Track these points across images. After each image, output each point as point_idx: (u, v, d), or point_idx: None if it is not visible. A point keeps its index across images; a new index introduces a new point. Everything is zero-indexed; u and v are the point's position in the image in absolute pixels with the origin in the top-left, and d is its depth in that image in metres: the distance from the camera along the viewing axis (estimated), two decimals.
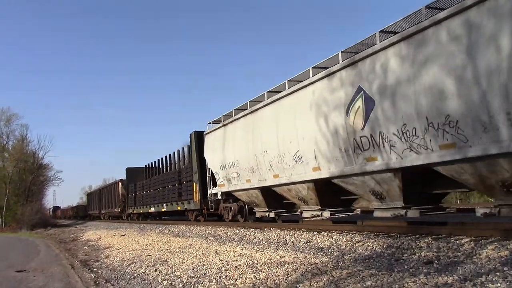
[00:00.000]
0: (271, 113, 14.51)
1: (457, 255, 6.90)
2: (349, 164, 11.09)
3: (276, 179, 14.41)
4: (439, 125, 8.44)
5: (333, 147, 11.44)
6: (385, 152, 9.94)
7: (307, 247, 9.95)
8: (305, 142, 12.55)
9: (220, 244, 12.47)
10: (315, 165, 12.33)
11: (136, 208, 36.11)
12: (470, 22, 7.75)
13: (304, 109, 12.56)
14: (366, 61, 10.33)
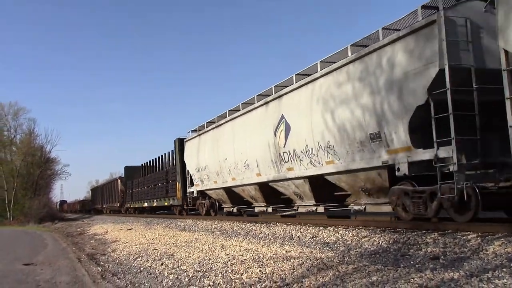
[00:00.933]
0: (230, 129, 18.40)
1: (464, 251, 6.88)
2: (278, 172, 14.87)
3: (234, 181, 18.22)
4: (325, 147, 12.23)
5: (268, 158, 15.31)
6: (297, 164, 13.76)
7: (313, 242, 9.96)
8: (250, 153, 16.47)
9: (226, 238, 12.50)
10: (257, 172, 16.22)
11: (133, 203, 39.76)
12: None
13: (251, 127, 16.53)
14: (283, 98, 14.53)
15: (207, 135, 20.91)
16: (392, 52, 9.89)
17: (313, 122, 12.67)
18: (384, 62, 10.06)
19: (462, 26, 8.74)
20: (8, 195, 51.82)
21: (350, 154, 11.33)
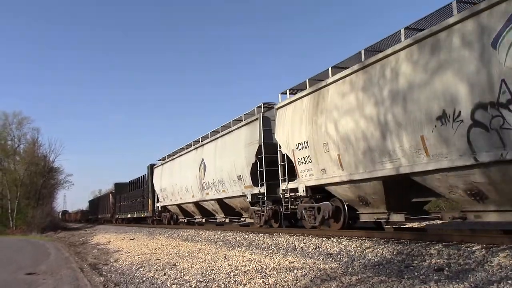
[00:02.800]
0: (178, 163, 26.28)
1: (468, 262, 6.83)
2: (202, 195, 22.20)
3: (181, 200, 25.94)
4: (220, 181, 19.56)
5: (196, 186, 22.75)
6: (211, 191, 20.88)
7: (316, 252, 9.91)
8: (188, 181, 23.88)
9: (229, 249, 12.46)
10: (192, 194, 23.59)
11: (120, 214, 47.61)
12: None
13: (189, 163, 24.05)
14: (204, 147, 21.93)
15: (166, 165, 29.07)
16: (244, 131, 17.55)
17: (216, 164, 20.01)
18: (242, 138, 17.61)
19: (272, 121, 15.72)
20: (11, 204, 51.77)
21: (231, 186, 18.60)
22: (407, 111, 9.33)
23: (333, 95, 11.85)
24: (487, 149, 7.77)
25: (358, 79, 10.97)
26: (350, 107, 11.07)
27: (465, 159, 8.21)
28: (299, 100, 13.64)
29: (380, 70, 10.28)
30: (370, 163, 10.62)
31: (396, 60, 9.78)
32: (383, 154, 10.16)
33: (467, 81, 7.98)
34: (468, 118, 8.03)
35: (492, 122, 7.60)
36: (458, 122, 8.21)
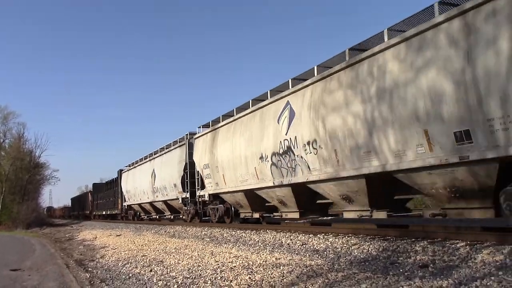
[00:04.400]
0: (139, 170, 32.83)
1: (453, 259, 6.91)
2: (154, 198, 28.90)
3: (141, 200, 32.48)
4: (162, 188, 26.91)
5: (149, 190, 29.31)
6: (160, 194, 27.45)
7: (302, 249, 9.95)
8: (144, 186, 30.52)
9: (216, 245, 12.46)
10: (147, 196, 30.37)
11: (97, 211, 53.78)
12: None
13: (144, 172, 30.77)
14: (155, 159, 28.46)
15: (130, 171, 35.70)
16: (177, 152, 24.32)
17: (161, 174, 26.92)
18: (176, 156, 24.24)
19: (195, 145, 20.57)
20: None
21: (171, 191, 25.11)
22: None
23: (222, 134, 18.23)
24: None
25: (233, 126, 17.35)
26: (229, 144, 17.39)
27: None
28: (205, 135, 20.18)
29: (252, 116, 16.00)
30: (239, 182, 16.76)
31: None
32: (248, 176, 16.10)
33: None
34: None
35: None
36: None
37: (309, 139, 12.28)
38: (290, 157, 13.30)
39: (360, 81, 10.39)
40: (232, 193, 17.52)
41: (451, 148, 8.34)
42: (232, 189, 17.18)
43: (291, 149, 13.19)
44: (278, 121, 13.92)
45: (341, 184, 11.55)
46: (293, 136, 13.04)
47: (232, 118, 17.41)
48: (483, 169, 8.04)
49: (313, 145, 12.13)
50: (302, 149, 12.62)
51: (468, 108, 7.85)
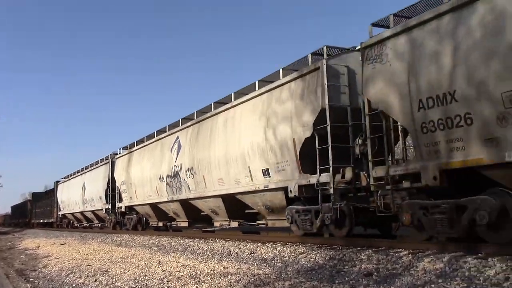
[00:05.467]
0: (73, 183, 35.14)
1: (396, 267, 7.09)
2: (84, 207, 32.40)
3: (73, 210, 35.55)
4: (91, 200, 30.58)
5: (80, 201, 32.80)
6: (89, 205, 31.38)
7: (251, 258, 9.96)
8: (76, 198, 33.25)
9: (163, 254, 12.30)
10: (79, 206, 33.37)
11: (36, 219, 56.27)
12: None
13: (75, 186, 33.70)
14: (86, 174, 32.54)
15: (65, 183, 39.34)
16: (102, 168, 27.76)
17: (90, 187, 30.25)
18: (101, 172, 27.32)
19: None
20: None
21: (98, 202, 28.65)
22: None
23: (135, 157, 22.35)
24: None
25: (143, 151, 21.60)
26: (139, 166, 21.53)
27: None
28: (123, 156, 24.13)
29: (156, 145, 20.39)
30: (146, 197, 20.83)
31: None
32: (152, 192, 20.21)
33: None
34: None
35: None
36: None
37: (189, 166, 16.40)
38: (178, 179, 17.43)
39: (214, 130, 15.04)
40: (142, 206, 21.97)
41: (262, 180, 12.47)
42: (142, 202, 21.57)
43: (178, 173, 17.31)
44: (171, 150, 18.09)
45: (208, 202, 15.75)
46: (179, 163, 17.15)
47: (143, 144, 21.76)
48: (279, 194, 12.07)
49: (191, 171, 16.27)
50: (185, 173, 16.73)
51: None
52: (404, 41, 8.47)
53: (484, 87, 7.03)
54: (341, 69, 10.62)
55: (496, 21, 6.90)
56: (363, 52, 9.43)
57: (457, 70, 7.44)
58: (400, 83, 8.45)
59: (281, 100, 11.81)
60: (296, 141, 11.10)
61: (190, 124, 16.92)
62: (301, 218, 11.31)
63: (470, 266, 6.34)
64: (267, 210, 12.98)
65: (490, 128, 7.06)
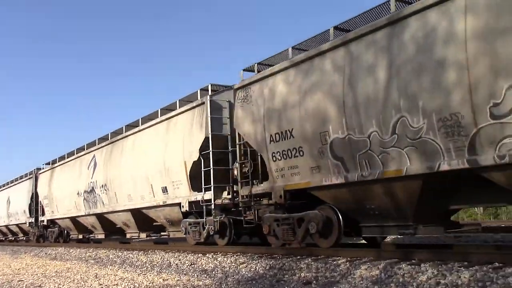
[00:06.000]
0: (5, 193, 32.55)
1: (334, 275, 7.23)
2: (9, 222, 31.89)
3: (4, 223, 33.15)
4: (15, 214, 30.45)
5: (5, 215, 31.69)
6: (13, 218, 30.80)
7: (191, 269, 9.87)
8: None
9: (100, 267, 11.97)
10: (5, 220, 32.18)
11: None
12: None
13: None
14: (10, 189, 32.12)
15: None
16: (27, 183, 26.22)
17: (14, 202, 30.12)
18: (25, 187, 25.18)
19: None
20: None
21: (22, 216, 28.63)
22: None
23: (57, 173, 23.45)
24: None
25: (63, 168, 22.83)
26: (60, 181, 22.70)
27: None
28: (46, 171, 25.05)
29: (75, 162, 21.66)
30: (66, 211, 21.82)
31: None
32: (71, 207, 21.35)
33: None
34: None
35: None
36: None
37: (103, 183, 17.81)
38: (94, 195, 18.77)
39: (124, 151, 16.63)
40: (63, 219, 22.97)
41: (162, 196, 14.19)
42: (62, 216, 22.54)
43: (94, 189, 18.68)
44: (88, 168, 19.41)
45: (120, 215, 17.16)
46: (95, 180, 18.56)
47: (64, 161, 22.73)
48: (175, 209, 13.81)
49: (105, 188, 17.66)
50: (100, 189, 18.10)
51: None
52: (261, 87, 10.35)
53: (313, 135, 8.94)
54: (224, 104, 12.55)
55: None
56: (235, 93, 11.27)
57: (293, 115, 9.35)
58: (258, 120, 10.29)
59: (177, 128, 13.68)
60: (187, 163, 12.87)
61: (104, 144, 18.50)
62: (192, 230, 13.07)
63: (404, 272, 6.55)
64: (168, 222, 14.86)
65: (315, 159, 8.97)
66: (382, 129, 7.73)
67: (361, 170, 8.18)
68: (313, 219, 9.25)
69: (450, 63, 6.80)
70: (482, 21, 6.47)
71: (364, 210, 8.59)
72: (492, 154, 6.42)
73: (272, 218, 10.23)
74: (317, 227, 9.12)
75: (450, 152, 6.87)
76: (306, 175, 9.23)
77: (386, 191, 8.00)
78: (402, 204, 7.94)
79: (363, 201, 8.46)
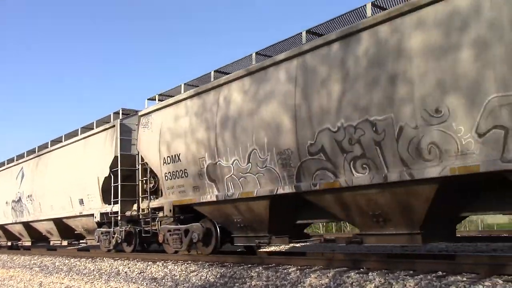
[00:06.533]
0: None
1: (284, 283, 7.28)
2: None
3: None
4: None
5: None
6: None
7: (140, 277, 9.70)
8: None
9: (46, 275, 11.60)
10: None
11: None
12: None
13: None
14: None
15: None
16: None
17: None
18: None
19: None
20: None
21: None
22: None
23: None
24: None
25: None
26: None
27: None
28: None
29: (5, 172, 22.27)
30: (2, 217, 21.76)
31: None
32: (0, 215, 21.84)
33: None
34: None
35: None
36: None
37: (29, 193, 18.78)
38: (21, 204, 19.69)
39: (49, 164, 17.66)
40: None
41: (79, 208, 15.40)
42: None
43: (21, 198, 19.61)
44: (17, 178, 20.34)
45: (44, 224, 18.10)
46: (22, 190, 19.51)
47: None
48: (91, 219, 14.99)
49: (31, 198, 18.61)
50: (26, 199, 19.02)
51: None
52: (158, 116, 11.91)
53: (193, 160, 10.60)
54: (133, 127, 13.57)
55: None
56: (139, 119, 12.70)
57: (180, 144, 10.92)
58: (155, 145, 11.80)
59: (92, 146, 14.99)
60: (99, 179, 14.24)
61: (32, 156, 19.54)
62: (103, 238, 14.38)
63: (352, 280, 6.68)
64: (85, 231, 16.13)
65: (196, 180, 10.63)
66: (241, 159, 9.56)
67: (227, 190, 9.91)
68: (196, 230, 10.97)
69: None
70: None
71: (233, 223, 10.25)
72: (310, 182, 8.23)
73: (166, 229, 11.84)
74: (199, 237, 10.86)
75: (285, 179, 8.68)
76: (190, 193, 10.91)
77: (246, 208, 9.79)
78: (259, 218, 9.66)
79: (232, 215, 10.20)
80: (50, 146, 18.31)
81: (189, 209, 11.21)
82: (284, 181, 8.66)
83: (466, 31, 6.23)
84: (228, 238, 10.89)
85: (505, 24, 5.88)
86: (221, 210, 10.33)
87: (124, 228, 13.60)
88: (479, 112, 6.06)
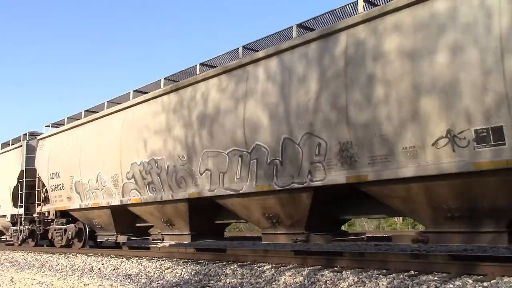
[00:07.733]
0: None
1: (259, 281, 7.31)
2: None
3: None
4: None
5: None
6: None
7: (114, 274, 9.62)
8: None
9: (17, 270, 11.42)
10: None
11: None
12: None
13: None
14: None
15: None
16: None
17: None
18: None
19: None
20: None
21: None
22: None
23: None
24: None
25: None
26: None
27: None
28: None
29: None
30: None
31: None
32: None
33: None
34: None
35: None
36: None
37: None
38: None
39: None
40: None
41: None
42: None
43: None
44: None
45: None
46: None
47: None
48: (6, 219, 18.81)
49: None
50: None
51: None
52: (47, 142, 15.66)
53: (66, 178, 14.26)
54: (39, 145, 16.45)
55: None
56: (37, 142, 16.10)
57: (59, 164, 14.53)
58: (45, 163, 15.24)
59: (7, 160, 18.57)
60: (10, 187, 17.91)
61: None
62: (14, 234, 18.10)
63: (326, 279, 6.74)
64: (4, 229, 19.84)
65: (68, 192, 14.17)
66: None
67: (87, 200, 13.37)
68: (70, 229, 14.64)
69: None
70: None
71: (95, 224, 13.89)
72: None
73: (53, 228, 15.47)
74: (72, 235, 14.58)
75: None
76: (65, 201, 14.35)
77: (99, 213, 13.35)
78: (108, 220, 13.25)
79: (92, 219, 13.79)
80: None
81: (68, 214, 14.67)
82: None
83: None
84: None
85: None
86: (84, 215, 14.06)
87: (27, 227, 17.17)
88: None
